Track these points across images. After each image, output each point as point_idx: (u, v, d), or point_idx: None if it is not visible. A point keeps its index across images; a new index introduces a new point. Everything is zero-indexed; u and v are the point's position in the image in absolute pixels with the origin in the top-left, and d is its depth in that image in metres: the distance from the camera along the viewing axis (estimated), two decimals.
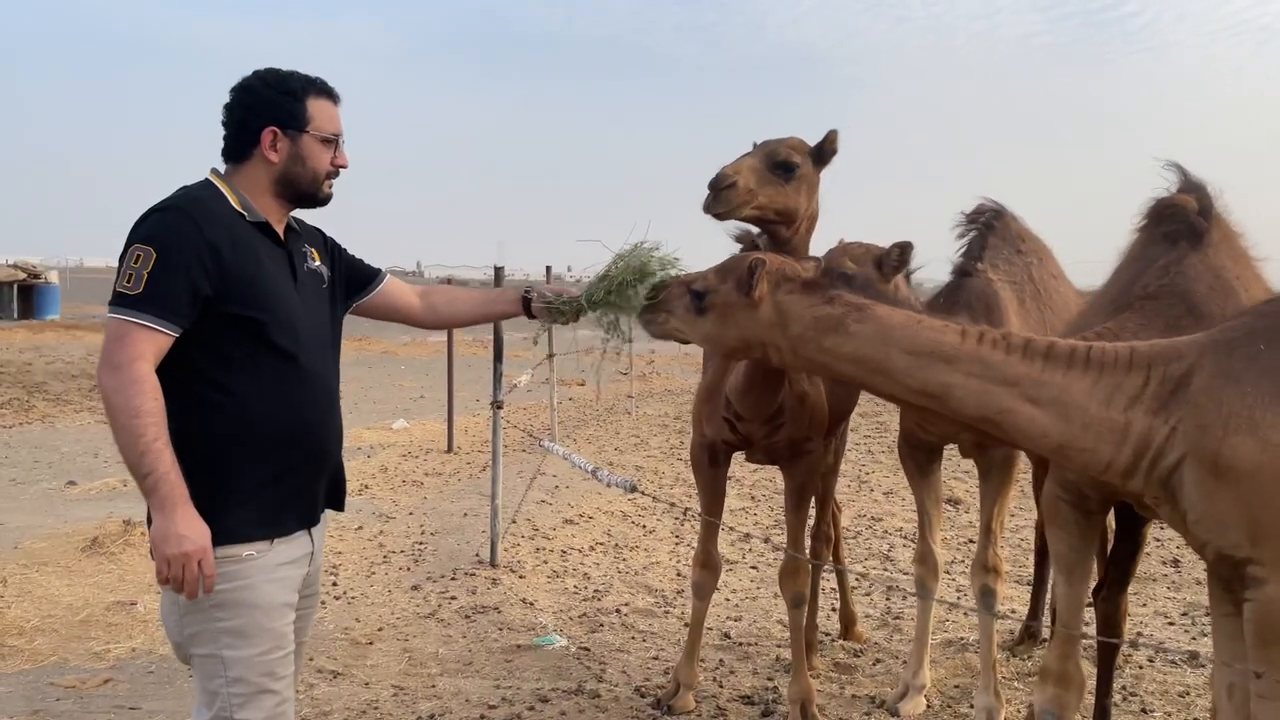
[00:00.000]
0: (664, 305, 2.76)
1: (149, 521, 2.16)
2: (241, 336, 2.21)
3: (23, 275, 24.43)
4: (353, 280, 2.63)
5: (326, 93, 2.39)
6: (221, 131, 2.35)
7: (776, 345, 2.62)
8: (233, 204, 2.28)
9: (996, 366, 2.39)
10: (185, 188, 2.28)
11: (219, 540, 2.15)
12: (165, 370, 2.13)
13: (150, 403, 2.06)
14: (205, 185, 2.30)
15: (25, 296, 24.17)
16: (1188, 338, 2.44)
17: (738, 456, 4.12)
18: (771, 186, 3.31)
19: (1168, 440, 2.29)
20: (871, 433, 11.56)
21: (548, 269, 11.65)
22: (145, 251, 2.11)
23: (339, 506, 2.54)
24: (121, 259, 2.14)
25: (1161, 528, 3.49)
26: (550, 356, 9.72)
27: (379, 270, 2.72)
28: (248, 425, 2.22)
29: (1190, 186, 3.21)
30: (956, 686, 4.47)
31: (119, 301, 2.11)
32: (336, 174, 2.42)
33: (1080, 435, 2.34)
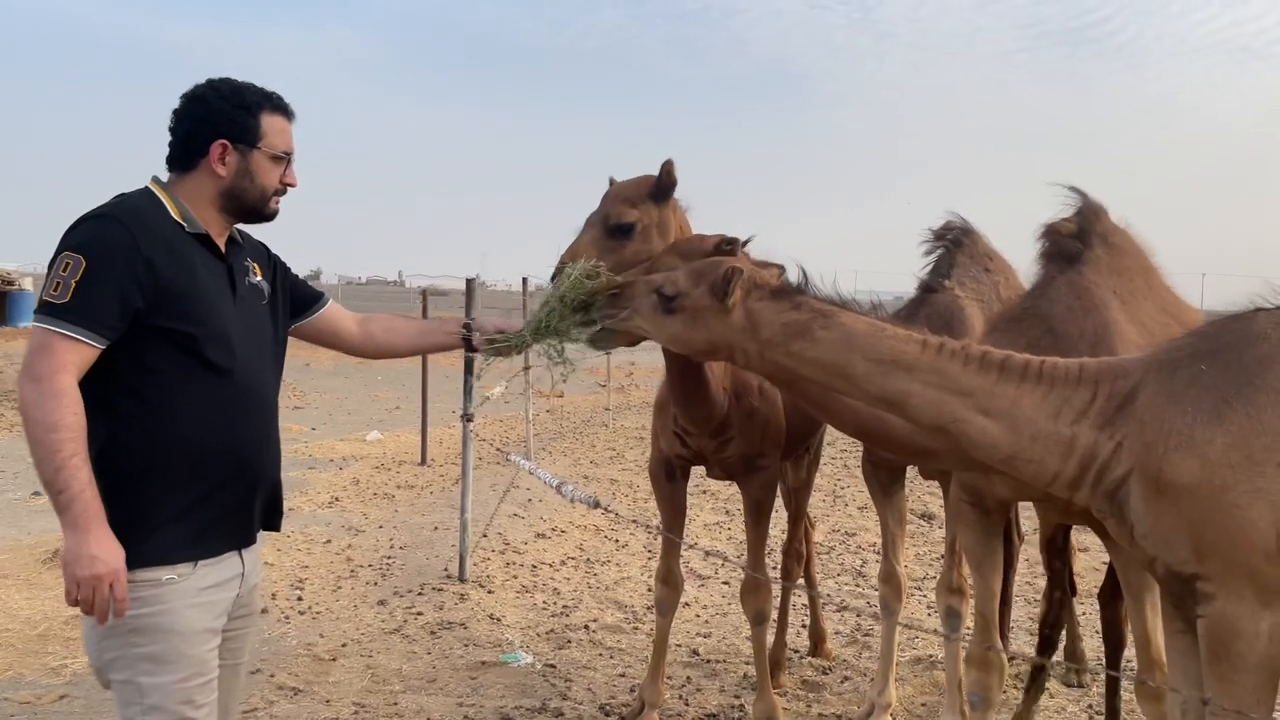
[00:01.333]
0: (626, 302, 2.71)
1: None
2: (172, 350, 2.15)
3: None
4: (295, 301, 2.58)
5: (281, 109, 2.33)
6: (168, 138, 2.28)
7: (744, 349, 2.63)
8: (172, 214, 2.22)
9: (953, 377, 2.44)
10: (123, 195, 2.23)
11: (137, 563, 2.08)
12: (89, 383, 2.07)
13: (70, 417, 2.00)
14: (145, 194, 2.24)
15: None
16: (1134, 356, 2.51)
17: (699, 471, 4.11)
18: (614, 254, 3.38)
19: (1113, 455, 2.34)
20: (848, 447, 11.54)
21: (524, 280, 11.64)
22: (75, 260, 2.05)
23: (275, 527, 2.47)
24: (51, 266, 2.08)
25: None
26: (526, 369, 9.66)
27: (321, 294, 2.68)
28: (175, 442, 2.16)
29: (1082, 209, 3.36)
30: (924, 705, 4.45)
31: (44, 310, 2.05)
32: (284, 191, 2.37)
33: (1028, 447, 2.40)
